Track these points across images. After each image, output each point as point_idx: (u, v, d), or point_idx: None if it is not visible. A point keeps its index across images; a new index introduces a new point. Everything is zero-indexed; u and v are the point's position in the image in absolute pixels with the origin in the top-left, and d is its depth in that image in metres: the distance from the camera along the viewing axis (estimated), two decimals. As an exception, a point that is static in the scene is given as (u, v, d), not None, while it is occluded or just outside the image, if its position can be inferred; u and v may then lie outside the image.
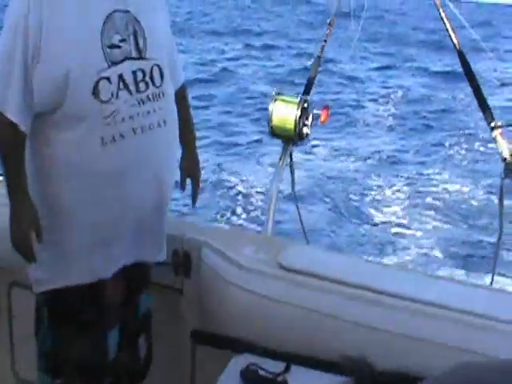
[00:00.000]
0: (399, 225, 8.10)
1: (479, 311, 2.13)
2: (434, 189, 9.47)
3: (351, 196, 9.06)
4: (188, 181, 2.57)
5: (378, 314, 2.18)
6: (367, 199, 8.97)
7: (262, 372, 2.00)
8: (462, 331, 2.09)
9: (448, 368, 1.39)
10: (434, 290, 2.28)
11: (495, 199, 2.69)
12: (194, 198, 2.56)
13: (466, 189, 9.42)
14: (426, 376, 1.44)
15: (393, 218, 8.32)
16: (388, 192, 9.24)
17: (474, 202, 8.88)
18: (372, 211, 8.53)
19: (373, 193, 9.18)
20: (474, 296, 2.31)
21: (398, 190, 9.30)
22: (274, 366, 2.03)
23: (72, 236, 2.10)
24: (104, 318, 2.19)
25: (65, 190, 2.06)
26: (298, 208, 2.86)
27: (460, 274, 6.60)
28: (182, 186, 2.54)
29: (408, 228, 8.00)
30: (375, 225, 8.16)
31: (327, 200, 8.76)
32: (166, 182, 2.25)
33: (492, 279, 2.82)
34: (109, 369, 2.24)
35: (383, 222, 8.20)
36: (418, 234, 7.83)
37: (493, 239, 2.82)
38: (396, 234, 7.85)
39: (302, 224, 2.95)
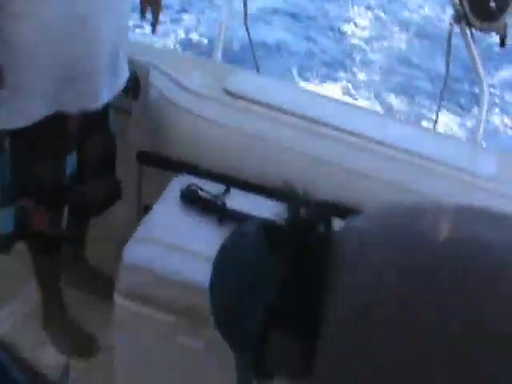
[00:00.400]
0: (362, 40, 8.01)
1: (425, 153, 2.19)
2: (405, 12, 9.25)
3: (317, 11, 8.84)
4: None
5: (322, 145, 2.23)
6: (335, 16, 8.76)
7: (201, 193, 2.05)
8: (406, 170, 2.16)
9: (385, 204, 1.46)
10: (382, 129, 2.34)
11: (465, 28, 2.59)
12: (154, 25, 2.42)
13: (433, 13, 9.22)
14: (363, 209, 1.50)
15: (358, 35, 8.20)
16: (358, 10, 9.03)
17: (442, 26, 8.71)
18: (338, 27, 8.37)
19: (342, 10, 8.95)
20: (421, 138, 2.38)
21: (369, 10, 9.08)
22: (214, 188, 2.08)
23: (32, 73, 2.04)
24: (64, 144, 2.20)
25: (27, 29, 1.98)
26: (248, 34, 2.80)
27: (409, 102, 6.65)
28: (142, 13, 2.40)
29: (371, 45, 7.92)
30: (337, 40, 8.06)
31: (291, 14, 8.55)
32: (127, 16, 2.20)
33: (436, 117, 2.87)
34: (67, 192, 2.28)
35: (347, 38, 8.09)
36: (380, 52, 7.78)
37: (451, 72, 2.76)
38: (357, 48, 7.78)
39: (252, 51, 2.90)
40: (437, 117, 2.89)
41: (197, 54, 6.22)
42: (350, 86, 6.87)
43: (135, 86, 2.49)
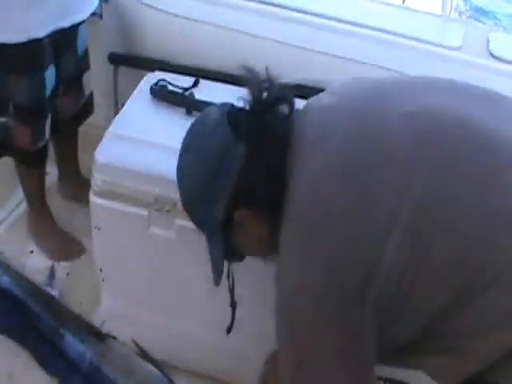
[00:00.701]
0: None
1: (390, 28, 2.16)
2: None
3: None
4: None
5: (290, 30, 2.20)
6: None
7: (170, 87, 2.02)
8: (373, 47, 2.13)
9: (346, 80, 1.43)
10: (343, 7, 2.30)
11: None
12: None
13: None
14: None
15: None
16: None
17: None
18: None
19: None
20: (389, 14, 2.34)
21: None
22: (184, 82, 2.05)
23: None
24: (40, 58, 2.16)
25: None
26: None
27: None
28: None
29: None
30: None
31: None
32: None
33: None
34: (47, 105, 2.27)
35: None
36: None
37: None
38: None
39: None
40: None
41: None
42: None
43: (103, -2, 2.45)
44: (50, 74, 2.22)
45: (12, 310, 2.13)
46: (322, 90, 1.47)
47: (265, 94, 1.35)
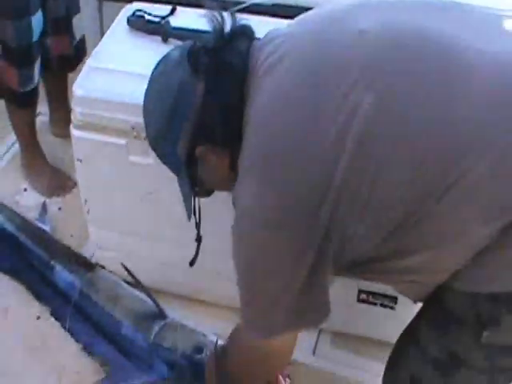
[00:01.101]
0: None
1: None
2: None
3: None
4: None
5: None
6: None
7: (147, 17, 2.01)
8: None
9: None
10: None
11: None
12: None
13: None
14: None
15: None
16: None
17: None
18: None
19: None
20: None
21: None
22: (161, 11, 2.02)
23: None
24: (27, 4, 2.18)
25: None
26: None
27: None
28: None
29: None
30: None
31: None
32: None
33: None
34: (35, 49, 2.29)
35: None
36: None
37: None
38: None
39: None
40: None
41: None
42: None
43: None
44: (38, 19, 2.23)
45: (5, 245, 2.20)
46: (299, 8, 1.44)
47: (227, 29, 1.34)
